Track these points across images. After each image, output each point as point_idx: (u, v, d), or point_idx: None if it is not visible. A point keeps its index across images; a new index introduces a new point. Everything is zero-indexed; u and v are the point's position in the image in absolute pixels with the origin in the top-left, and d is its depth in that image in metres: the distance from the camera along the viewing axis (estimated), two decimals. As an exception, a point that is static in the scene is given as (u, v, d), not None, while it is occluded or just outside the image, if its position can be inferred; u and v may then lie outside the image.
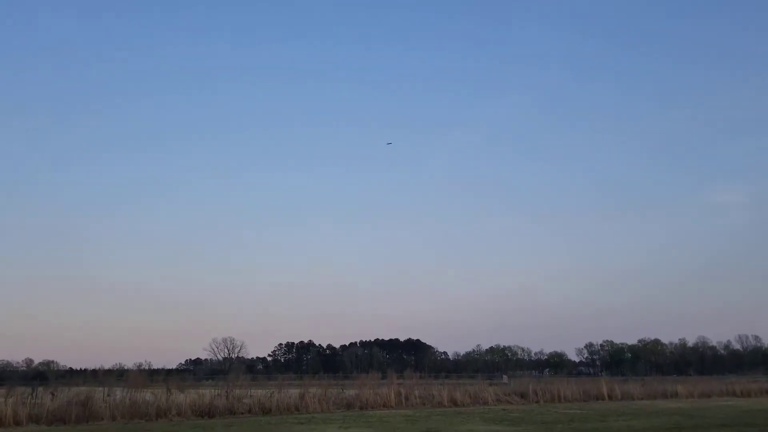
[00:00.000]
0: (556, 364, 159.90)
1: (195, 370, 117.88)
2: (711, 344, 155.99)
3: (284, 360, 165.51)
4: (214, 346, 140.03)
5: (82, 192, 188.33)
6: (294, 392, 26.31)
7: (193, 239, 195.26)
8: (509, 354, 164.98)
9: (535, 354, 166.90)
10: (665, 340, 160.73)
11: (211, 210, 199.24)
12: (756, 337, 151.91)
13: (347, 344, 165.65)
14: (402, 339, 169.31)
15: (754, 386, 41.50)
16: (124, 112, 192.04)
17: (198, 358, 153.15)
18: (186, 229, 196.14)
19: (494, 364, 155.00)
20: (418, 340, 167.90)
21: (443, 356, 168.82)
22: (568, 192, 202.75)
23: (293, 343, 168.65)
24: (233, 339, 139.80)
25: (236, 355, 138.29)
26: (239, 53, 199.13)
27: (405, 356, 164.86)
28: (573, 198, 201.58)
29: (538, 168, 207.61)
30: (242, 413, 23.34)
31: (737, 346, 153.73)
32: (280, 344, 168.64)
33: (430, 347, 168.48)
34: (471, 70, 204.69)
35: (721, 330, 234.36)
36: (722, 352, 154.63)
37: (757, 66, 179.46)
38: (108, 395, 23.80)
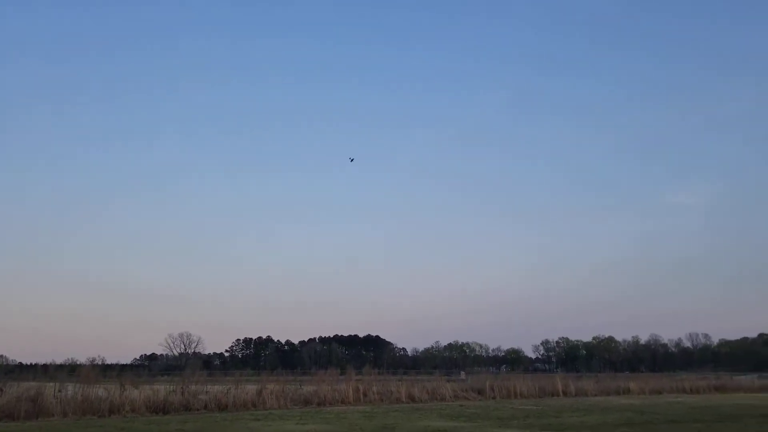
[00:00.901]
0: (513, 360, 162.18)
1: (150, 366, 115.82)
2: (663, 342, 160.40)
3: (242, 356, 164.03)
4: (170, 342, 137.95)
5: (45, 186, 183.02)
6: (251, 388, 26.07)
7: (151, 233, 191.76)
8: (467, 350, 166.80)
9: (493, 351, 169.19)
10: (619, 337, 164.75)
11: (171, 205, 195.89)
12: (706, 336, 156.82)
13: (306, 340, 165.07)
14: (361, 335, 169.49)
15: (703, 383, 42.70)
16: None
17: (153, 354, 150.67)
18: (144, 223, 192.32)
19: (452, 360, 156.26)
20: (377, 337, 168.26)
21: (402, 352, 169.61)
22: (532, 190, 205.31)
23: (251, 338, 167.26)
24: (190, 334, 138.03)
25: (193, 351, 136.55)
26: (237, 49, 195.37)
27: (364, 352, 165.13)
28: (537, 196, 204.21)
29: (506, 164, 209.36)
30: (198, 409, 23.03)
31: (688, 344, 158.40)
32: (238, 340, 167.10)
33: (389, 343, 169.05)
34: (444, 66, 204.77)
35: (672, 329, 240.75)
36: (673, 349, 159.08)
37: (734, 63, 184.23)
38: (59, 391, 23.20)
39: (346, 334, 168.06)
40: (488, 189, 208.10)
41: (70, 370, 33.66)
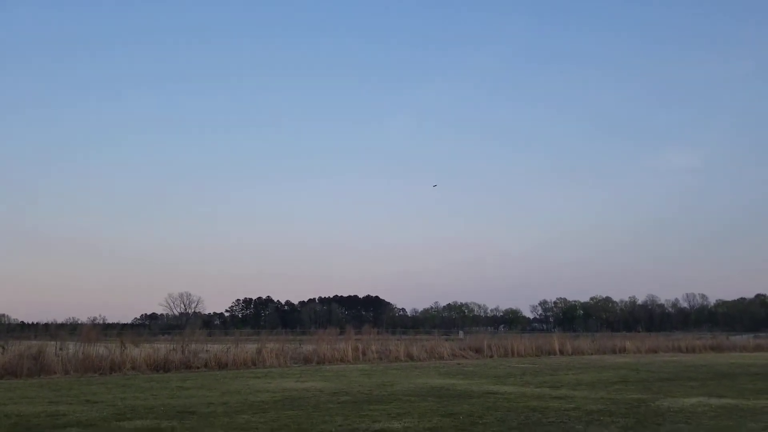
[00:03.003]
0: (510, 320, 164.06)
1: (151, 325, 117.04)
2: (660, 302, 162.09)
3: (242, 316, 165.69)
4: (170, 302, 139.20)
5: (31, 139, 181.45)
6: (251, 347, 26.33)
7: (151, 193, 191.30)
8: (466, 311, 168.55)
9: (491, 311, 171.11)
10: (616, 298, 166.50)
11: (172, 163, 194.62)
12: (702, 296, 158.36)
13: (306, 300, 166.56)
14: (361, 296, 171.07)
15: (699, 343, 43.15)
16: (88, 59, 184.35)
17: (154, 313, 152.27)
18: (144, 182, 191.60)
19: (451, 320, 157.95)
20: (377, 297, 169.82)
21: (401, 313, 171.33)
22: (522, 158, 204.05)
23: (251, 299, 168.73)
24: (190, 294, 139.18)
25: (193, 311, 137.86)
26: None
27: (364, 312, 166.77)
28: (526, 163, 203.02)
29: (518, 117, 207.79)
30: (198, 368, 23.28)
31: (684, 305, 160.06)
32: (238, 300, 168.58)
33: (388, 304, 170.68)
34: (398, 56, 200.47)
35: (669, 289, 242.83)
36: (670, 309, 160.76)
37: (704, 38, 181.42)
38: (60, 349, 23.43)
39: (345, 295, 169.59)
40: (496, 146, 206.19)
41: (71, 329, 33.97)
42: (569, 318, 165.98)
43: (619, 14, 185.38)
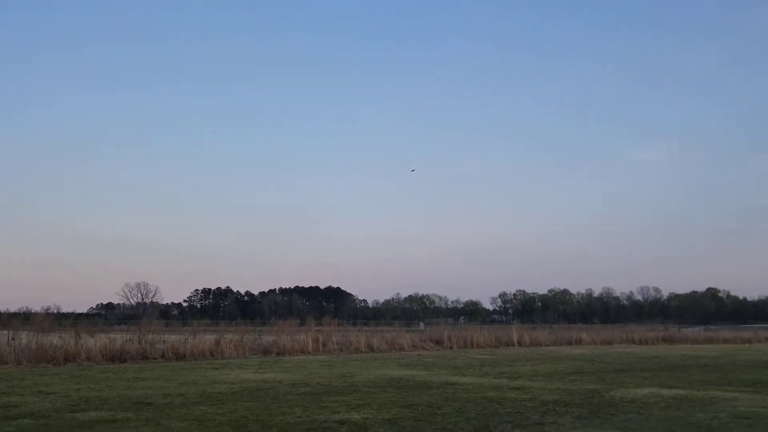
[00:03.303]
0: (471, 312, 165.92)
1: (106, 315, 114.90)
2: (615, 295, 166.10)
3: (200, 306, 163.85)
4: (126, 291, 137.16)
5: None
6: (209, 338, 26.06)
7: (107, 179, 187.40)
8: (427, 302, 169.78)
9: (452, 303, 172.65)
10: (573, 290, 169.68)
11: (132, 154, 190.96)
12: (656, 289, 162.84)
13: (266, 291, 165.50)
14: (322, 287, 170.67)
15: (651, 335, 44.25)
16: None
17: (110, 303, 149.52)
18: (100, 168, 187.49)
19: (412, 311, 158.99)
20: (338, 288, 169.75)
21: (363, 304, 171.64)
22: (485, 151, 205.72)
23: (210, 289, 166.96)
24: (147, 284, 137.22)
25: (150, 301, 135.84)
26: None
27: (325, 303, 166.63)
28: (488, 156, 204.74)
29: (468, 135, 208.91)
30: (155, 358, 22.94)
31: (639, 297, 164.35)
32: (197, 290, 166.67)
33: (350, 295, 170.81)
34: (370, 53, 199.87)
35: (625, 282, 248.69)
36: (625, 302, 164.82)
37: (683, 28, 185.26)
38: (13, 339, 22.85)
39: (306, 286, 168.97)
40: (459, 138, 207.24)
41: (24, 319, 33.15)
42: (528, 310, 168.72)
43: (608, 5, 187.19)
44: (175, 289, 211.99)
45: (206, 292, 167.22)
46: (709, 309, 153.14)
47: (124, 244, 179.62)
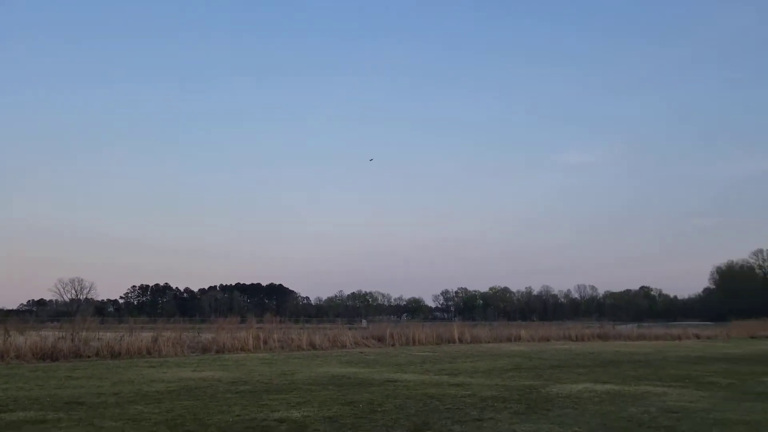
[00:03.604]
0: (413, 309, 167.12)
1: (38, 312, 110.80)
2: (553, 293, 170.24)
3: (138, 303, 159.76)
4: (60, 287, 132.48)
5: None
6: (146, 336, 25.40)
7: (41, 168, 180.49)
8: (370, 300, 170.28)
9: (395, 300, 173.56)
10: (514, 288, 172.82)
11: (62, 137, 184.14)
12: (593, 287, 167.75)
13: (206, 288, 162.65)
14: (264, 284, 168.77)
15: (587, 331, 45.46)
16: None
17: (42, 300, 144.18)
18: (34, 157, 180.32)
19: (355, 309, 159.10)
20: (280, 285, 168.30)
21: (305, 301, 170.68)
22: (430, 150, 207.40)
23: (148, 285, 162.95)
24: (81, 279, 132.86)
25: (85, 297, 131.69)
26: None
27: (267, 301, 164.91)
28: (432, 155, 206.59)
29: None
30: (89, 356, 22.22)
31: (576, 295, 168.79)
32: (134, 286, 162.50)
33: (292, 292, 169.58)
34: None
35: (563, 280, 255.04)
36: (563, 300, 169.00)
37: (631, 30, 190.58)
38: (-66, 337, 21.75)
39: (248, 283, 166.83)
40: (406, 136, 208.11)
41: (-52, 316, 31.62)
42: (469, 307, 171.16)
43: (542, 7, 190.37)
44: (111, 286, 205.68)
45: (144, 288, 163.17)
46: (642, 307, 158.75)
47: (57, 237, 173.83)
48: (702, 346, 36.59)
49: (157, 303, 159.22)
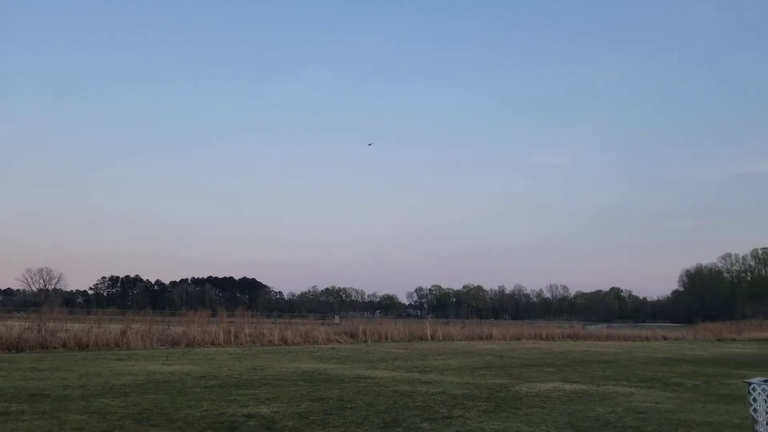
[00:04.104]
0: (387, 306, 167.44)
1: (4, 301, 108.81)
2: (526, 292, 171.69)
3: (107, 294, 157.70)
4: (28, 277, 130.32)
5: None
6: (115, 328, 25.07)
7: (9, 156, 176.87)
8: (344, 295, 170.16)
9: (369, 296, 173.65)
10: (487, 287, 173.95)
11: (42, 125, 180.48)
12: (564, 287, 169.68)
13: (178, 281, 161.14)
14: (237, 277, 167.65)
15: (558, 331, 45.94)
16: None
17: (9, 289, 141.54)
18: (10, 145, 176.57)
19: (329, 305, 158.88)
20: (253, 279, 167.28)
21: (278, 296, 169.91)
22: (404, 146, 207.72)
23: (118, 277, 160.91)
24: (50, 269, 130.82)
25: (53, 287, 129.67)
26: None
27: (239, 295, 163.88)
28: (408, 151, 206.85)
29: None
30: (55, 348, 21.87)
31: (548, 295, 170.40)
32: (104, 278, 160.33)
33: (265, 286, 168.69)
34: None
35: (535, 279, 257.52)
36: (535, 299, 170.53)
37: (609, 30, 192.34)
38: None
39: (221, 276, 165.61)
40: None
41: None
42: (443, 305, 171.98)
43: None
44: (80, 276, 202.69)
45: (114, 280, 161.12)
46: (613, 308, 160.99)
47: (26, 226, 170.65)
48: (669, 348, 37.22)
49: (127, 295, 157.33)
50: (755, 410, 6.17)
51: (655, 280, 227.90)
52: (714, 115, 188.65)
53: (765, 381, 6.46)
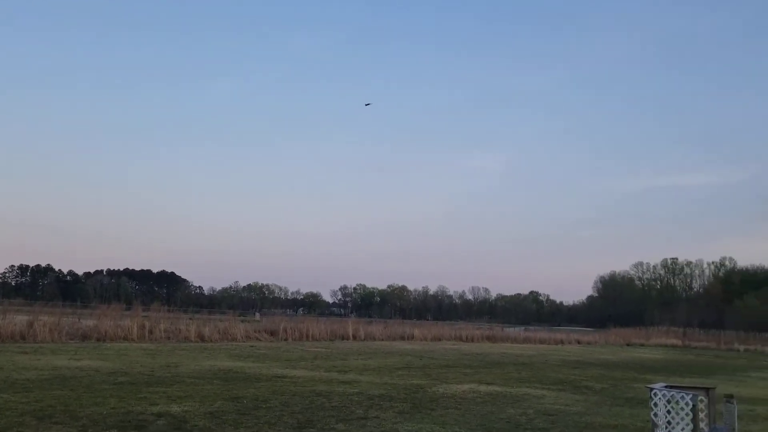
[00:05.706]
0: (310, 304, 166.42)
1: None
2: (449, 293, 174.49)
3: (15, 284, 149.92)
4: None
5: None
6: (21, 319, 23.83)
7: None
8: (266, 292, 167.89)
9: (292, 293, 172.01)
10: (411, 287, 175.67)
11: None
12: (486, 290, 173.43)
13: (92, 272, 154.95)
14: (155, 270, 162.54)
15: (477, 332, 46.90)
16: None
17: None
18: None
19: (251, 301, 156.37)
20: (172, 273, 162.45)
21: (198, 291, 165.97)
22: (333, 147, 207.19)
23: (28, 265, 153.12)
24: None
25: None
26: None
27: (156, 289, 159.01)
28: (337, 152, 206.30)
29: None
30: (-47, 340, 20.59)
31: (470, 297, 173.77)
32: (12, 266, 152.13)
33: (185, 281, 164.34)
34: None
35: (458, 281, 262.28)
36: (457, 301, 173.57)
37: (513, 48, 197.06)
38: None
39: (138, 269, 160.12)
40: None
41: None
42: (367, 304, 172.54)
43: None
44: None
45: (23, 269, 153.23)
46: (531, 311, 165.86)
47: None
48: (581, 351, 38.64)
49: (37, 285, 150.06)
50: (656, 414, 6.45)
51: (572, 285, 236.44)
52: (633, 131, 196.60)
53: (666, 386, 6.76)
